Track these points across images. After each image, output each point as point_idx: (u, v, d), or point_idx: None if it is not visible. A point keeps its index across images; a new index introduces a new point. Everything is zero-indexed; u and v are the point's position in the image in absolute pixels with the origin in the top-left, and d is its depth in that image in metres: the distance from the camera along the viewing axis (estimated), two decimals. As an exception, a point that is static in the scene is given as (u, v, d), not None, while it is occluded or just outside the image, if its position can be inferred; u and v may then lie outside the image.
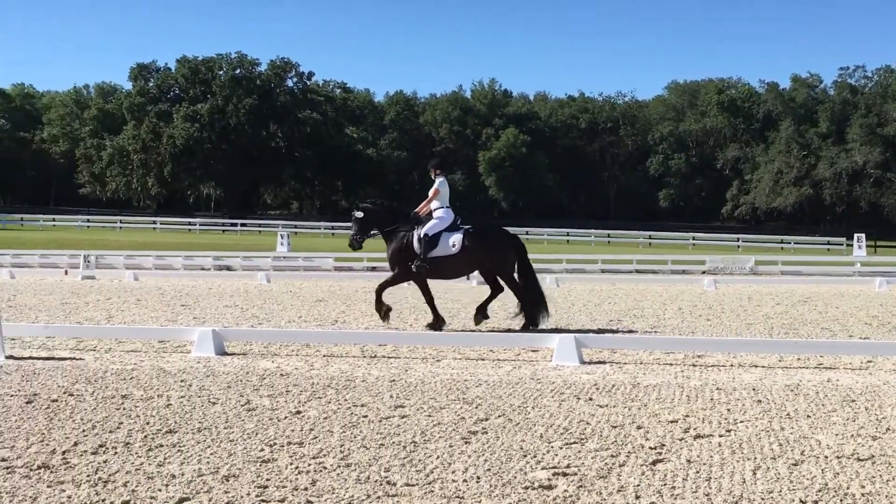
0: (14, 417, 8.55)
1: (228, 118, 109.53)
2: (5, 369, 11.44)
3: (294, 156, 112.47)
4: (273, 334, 14.62)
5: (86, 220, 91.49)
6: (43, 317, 18.18)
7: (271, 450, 7.41)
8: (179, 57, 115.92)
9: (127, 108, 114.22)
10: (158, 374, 11.16)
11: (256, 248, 52.78)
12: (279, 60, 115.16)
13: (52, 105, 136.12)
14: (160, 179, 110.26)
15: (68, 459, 7.02)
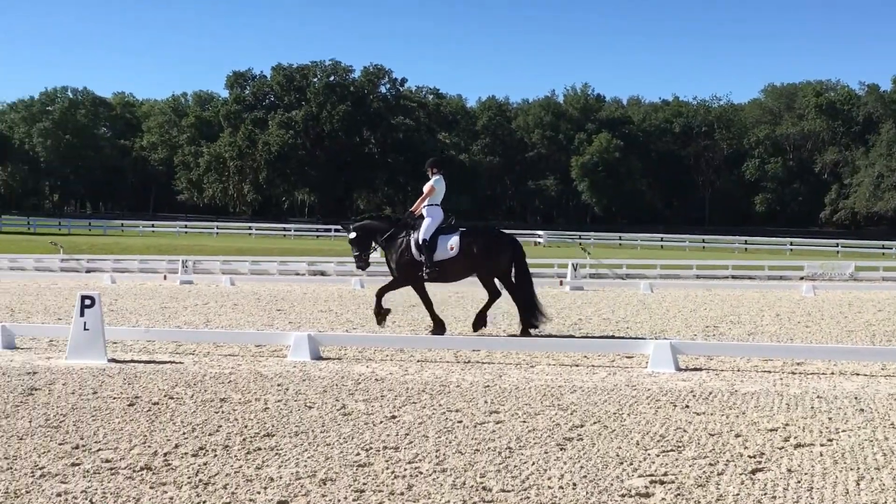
0: (117, 419, 8.73)
1: (322, 125, 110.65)
2: (108, 372, 11.69)
3: (387, 162, 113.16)
4: (367, 339, 14.72)
5: (183, 225, 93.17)
6: (143, 321, 18.54)
7: (367, 454, 7.45)
8: (275, 65, 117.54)
9: (223, 115, 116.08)
10: (256, 378, 11.30)
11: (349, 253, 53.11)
12: (372, 67, 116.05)
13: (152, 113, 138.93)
14: (255, 185, 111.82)
15: (170, 461, 7.14)
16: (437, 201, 16.65)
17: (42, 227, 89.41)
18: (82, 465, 6.96)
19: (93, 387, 10.55)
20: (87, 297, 12.88)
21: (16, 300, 23.79)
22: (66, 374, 11.54)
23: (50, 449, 7.48)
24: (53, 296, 25.35)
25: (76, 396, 9.93)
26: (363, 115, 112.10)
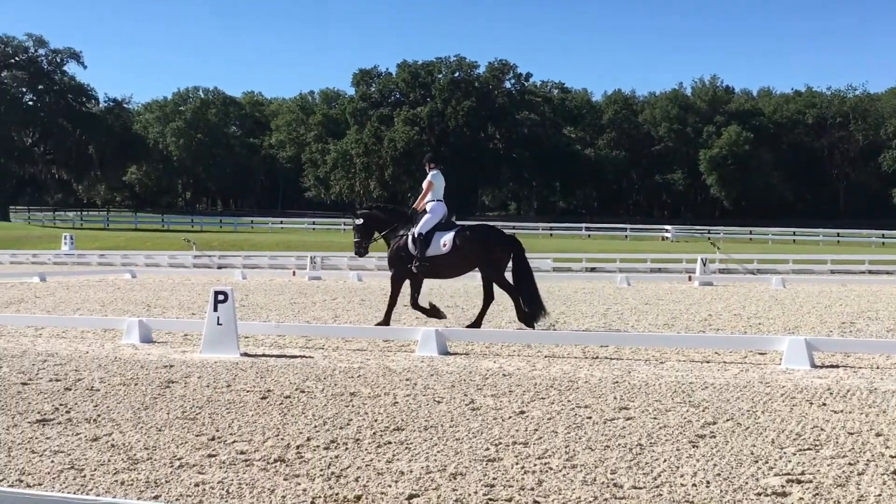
0: (250, 412, 8.89)
1: (447, 121, 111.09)
2: (241, 366, 11.93)
3: (512, 157, 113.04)
4: (494, 335, 14.70)
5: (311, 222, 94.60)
6: (274, 316, 18.88)
7: (497, 449, 7.43)
8: (400, 62, 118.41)
9: (350, 112, 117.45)
10: (385, 373, 11.39)
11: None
12: (497, 62, 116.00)
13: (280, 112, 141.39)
14: (381, 182, 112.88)
15: (302, 454, 7.24)
16: (439, 196, 16.79)
17: (175, 225, 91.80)
18: (218, 457, 7.10)
19: (226, 380, 10.77)
20: (220, 292, 13.15)
21: (152, 295, 24.47)
22: (200, 367, 11.81)
23: (187, 440, 7.65)
24: (187, 291, 25.99)
25: (211, 389, 10.14)
26: (488, 110, 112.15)
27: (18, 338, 14.99)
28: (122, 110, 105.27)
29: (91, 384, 10.42)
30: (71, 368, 11.60)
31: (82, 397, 9.60)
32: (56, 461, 6.91)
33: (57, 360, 12.32)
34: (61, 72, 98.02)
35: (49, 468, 6.71)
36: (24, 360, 12.37)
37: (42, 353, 13.12)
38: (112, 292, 25.56)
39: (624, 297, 24.70)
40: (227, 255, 45.73)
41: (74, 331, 15.90)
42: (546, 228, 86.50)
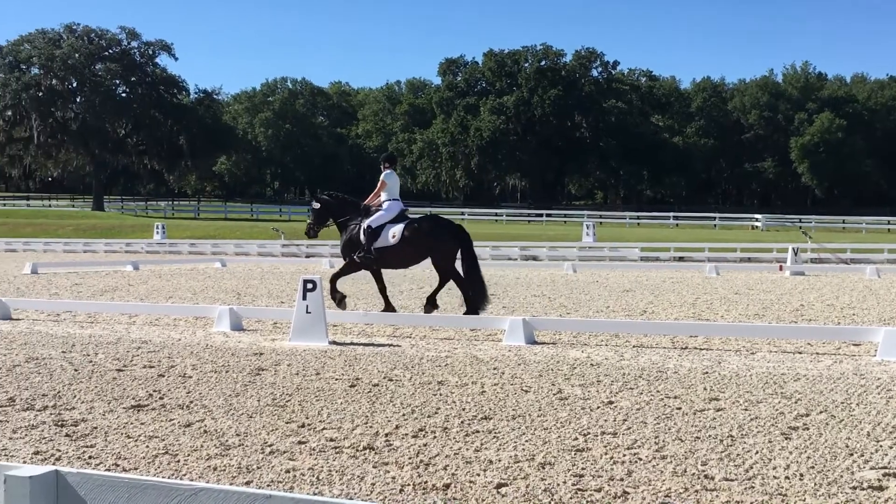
0: (339, 400, 8.96)
1: (534, 109, 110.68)
2: (329, 354, 12.03)
3: (599, 145, 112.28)
4: (582, 324, 14.62)
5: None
6: (361, 305, 19.02)
7: (585, 439, 7.39)
8: (486, 51, 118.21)
9: (436, 102, 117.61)
10: (472, 362, 11.40)
11: (562, 238, 53.09)
12: (584, 51, 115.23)
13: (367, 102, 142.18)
14: (467, 171, 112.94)
15: (391, 442, 7.27)
16: (394, 195, 17.12)
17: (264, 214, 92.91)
18: (308, 444, 7.16)
19: (315, 368, 10.87)
20: (308, 281, 13.28)
21: (242, 284, 24.81)
22: (290, 355, 11.94)
23: (277, 427, 7.73)
24: (276, 280, 26.30)
25: (300, 377, 10.25)
26: (575, 99, 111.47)
27: (113, 325, 15.30)
28: (212, 101, 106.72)
29: (183, 371, 10.60)
30: (164, 355, 11.81)
31: (175, 384, 9.77)
32: (151, 446, 7.03)
33: (150, 347, 12.55)
34: (153, 64, 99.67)
35: (144, 453, 6.84)
36: (118, 346, 12.63)
37: (136, 340, 13.38)
38: (203, 281, 25.97)
39: (713, 286, 24.42)
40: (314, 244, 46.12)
41: (167, 318, 16.19)
42: (633, 217, 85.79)
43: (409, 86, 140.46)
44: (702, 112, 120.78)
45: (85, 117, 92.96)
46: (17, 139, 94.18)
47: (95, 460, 6.65)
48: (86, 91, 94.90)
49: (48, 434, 7.42)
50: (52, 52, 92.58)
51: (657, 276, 29.85)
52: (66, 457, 6.73)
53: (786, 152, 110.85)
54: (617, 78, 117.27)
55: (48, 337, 13.65)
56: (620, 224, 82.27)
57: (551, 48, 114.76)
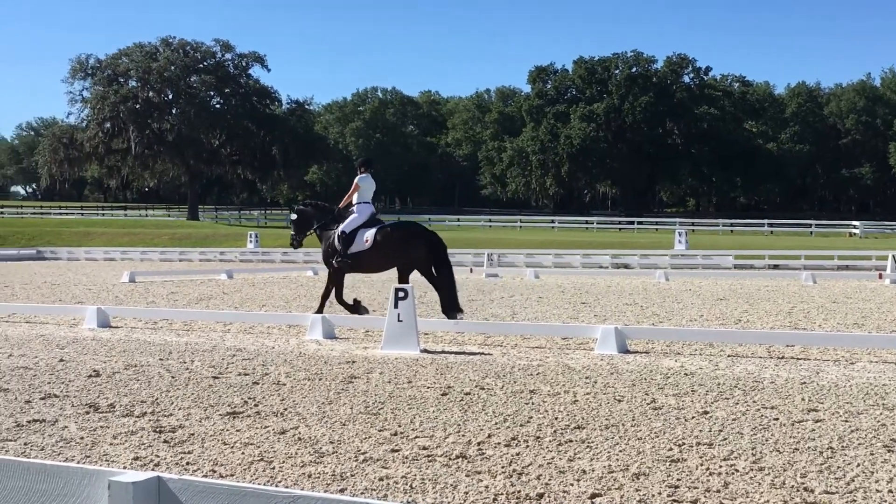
0: (431, 408, 8.98)
1: (624, 116, 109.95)
2: (421, 362, 12.06)
3: (690, 152, 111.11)
4: (675, 332, 14.45)
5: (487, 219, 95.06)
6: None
7: (680, 449, 7.30)
8: (576, 58, 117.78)
9: (526, 110, 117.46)
10: (564, 371, 11.34)
11: (653, 246, 52.62)
12: (675, 57, 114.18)
13: (456, 110, 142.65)
14: (558, 179, 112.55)
15: (483, 450, 7.26)
16: (367, 199, 17.28)
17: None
18: (401, 452, 7.18)
19: (407, 376, 10.90)
20: (400, 289, 13.33)
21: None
22: (382, 363, 12.00)
23: (370, 435, 7.77)
24: (367, 288, 26.46)
25: (392, 385, 10.29)
26: (666, 105, 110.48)
27: (209, 333, 15.54)
28: (303, 112, 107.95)
29: (277, 378, 10.71)
30: (258, 363, 11.95)
31: (269, 391, 9.88)
32: (246, 453, 7.12)
33: (245, 355, 12.71)
34: (246, 75, 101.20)
35: (240, 459, 6.92)
36: (214, 354, 12.81)
37: (231, 347, 13.57)
38: (295, 289, 26.26)
39: (810, 295, 23.99)
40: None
41: (261, 326, 16.40)
42: (726, 225, 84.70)
43: (499, 94, 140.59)
44: (797, 117, 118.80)
45: (180, 128, 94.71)
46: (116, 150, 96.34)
47: (193, 466, 6.75)
48: (181, 103, 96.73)
49: (147, 440, 7.56)
50: (149, 66, 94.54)
51: (751, 284, 29.42)
52: (164, 462, 6.84)
53: (885, 158, 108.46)
54: (709, 84, 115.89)
55: (146, 344, 13.91)
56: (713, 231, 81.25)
57: (642, 55, 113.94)
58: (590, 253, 43.75)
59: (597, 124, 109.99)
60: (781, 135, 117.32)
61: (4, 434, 7.76)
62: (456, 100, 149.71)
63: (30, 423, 8.23)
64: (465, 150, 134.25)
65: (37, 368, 11.45)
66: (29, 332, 15.63)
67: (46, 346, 13.74)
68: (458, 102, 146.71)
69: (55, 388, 10.04)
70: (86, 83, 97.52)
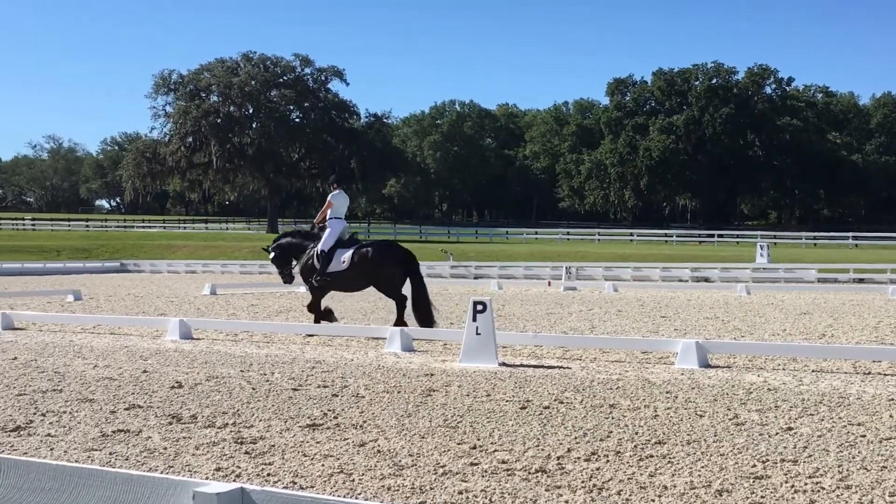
0: (510, 422, 8.94)
1: (704, 128, 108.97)
2: (499, 375, 12.03)
3: (772, 164, 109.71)
4: (757, 347, 14.22)
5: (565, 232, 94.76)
6: (530, 326, 18.97)
7: (763, 466, 7.17)
8: (655, 70, 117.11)
9: (604, 122, 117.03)
10: (644, 385, 11.22)
11: (734, 259, 51.97)
12: (757, 67, 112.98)
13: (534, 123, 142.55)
14: (636, 192, 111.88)
15: (563, 465, 7.20)
16: (339, 214, 17.84)
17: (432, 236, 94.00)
18: (480, 465, 7.16)
19: (486, 389, 10.88)
20: (479, 302, 13.32)
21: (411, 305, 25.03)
22: (460, 376, 11.98)
23: (449, 448, 7.76)
24: (445, 301, 26.48)
25: (471, 398, 10.27)
26: (747, 117, 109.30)
27: (288, 345, 15.66)
28: (382, 125, 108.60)
29: (356, 391, 10.75)
30: (337, 375, 12.01)
31: (349, 403, 9.92)
32: (326, 465, 7.15)
33: (324, 367, 12.78)
34: (325, 89, 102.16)
35: (320, 471, 6.95)
36: (294, 366, 12.91)
37: (310, 360, 13.66)
38: (373, 302, 26.35)
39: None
40: (482, 266, 46.38)
41: (340, 339, 16.48)
42: (809, 238, 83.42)
43: (577, 106, 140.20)
44: (882, 128, 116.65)
45: (260, 142, 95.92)
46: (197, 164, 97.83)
47: (274, 477, 6.79)
48: (261, 117, 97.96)
49: (228, 451, 7.63)
50: (230, 80, 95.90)
51: (836, 298, 28.90)
52: (245, 473, 6.90)
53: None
54: (791, 95, 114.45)
55: (227, 356, 14.06)
56: (796, 245, 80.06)
57: (723, 66, 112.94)
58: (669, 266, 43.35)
59: (676, 136, 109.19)
60: (866, 146, 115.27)
61: (90, 444, 7.89)
62: (534, 112, 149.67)
63: (115, 433, 8.36)
64: (543, 163, 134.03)
65: (121, 379, 11.63)
66: (113, 343, 15.89)
67: (130, 357, 13.96)
68: (536, 115, 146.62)
69: (139, 398, 10.19)
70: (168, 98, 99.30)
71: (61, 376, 11.85)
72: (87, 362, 13.29)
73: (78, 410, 9.46)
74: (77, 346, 15.29)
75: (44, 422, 8.87)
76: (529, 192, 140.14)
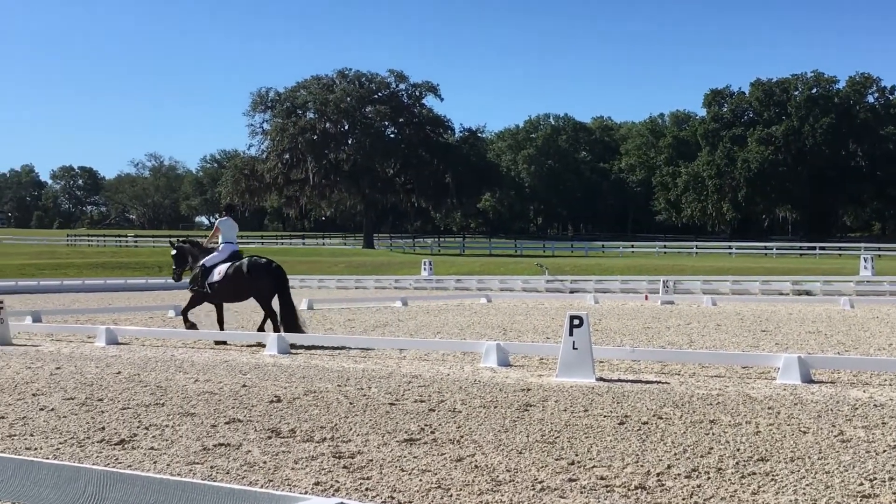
0: (608, 437, 8.84)
1: (804, 139, 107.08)
2: (597, 390, 11.92)
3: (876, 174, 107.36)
4: (863, 362, 13.88)
5: (662, 245, 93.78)
6: (627, 341, 18.79)
7: (871, 485, 6.98)
8: (753, 80, 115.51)
9: (701, 134, 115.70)
10: (745, 401, 11.02)
11: (837, 272, 50.88)
12: (859, 76, 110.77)
13: (629, 135, 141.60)
14: (734, 204, 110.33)
15: (663, 482, 7.10)
16: (229, 239, 19.53)
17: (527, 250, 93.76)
18: (579, 481, 7.09)
19: (583, 404, 10.78)
20: (575, 317, 13.23)
21: (507, 319, 25.03)
22: (557, 391, 11.90)
23: (547, 464, 7.70)
24: (541, 315, 26.40)
25: (568, 414, 10.19)
26: (848, 126, 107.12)
27: (385, 360, 15.73)
28: (476, 140, 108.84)
29: (453, 406, 10.74)
30: (434, 390, 12.02)
31: (445, 418, 9.91)
32: (424, 480, 7.14)
33: (420, 382, 12.80)
34: (420, 105, 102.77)
35: (418, 486, 6.95)
36: (390, 381, 12.95)
37: (407, 374, 13.69)
38: (469, 316, 26.38)
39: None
40: (578, 280, 46.12)
41: (435, 353, 16.49)
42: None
43: (673, 118, 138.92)
44: None
45: (356, 158, 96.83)
46: (294, 181, 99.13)
47: (372, 492, 6.81)
48: (357, 133, 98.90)
49: (327, 465, 7.67)
50: (326, 97, 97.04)
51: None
52: (343, 488, 6.92)
53: None
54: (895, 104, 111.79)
55: (324, 371, 14.17)
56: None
57: (823, 75, 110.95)
58: (769, 279, 42.60)
59: (775, 147, 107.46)
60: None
61: (192, 457, 8.01)
62: (629, 125, 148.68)
63: (215, 446, 8.46)
64: (639, 176, 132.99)
65: (221, 393, 11.79)
66: (213, 357, 16.13)
67: (230, 371, 14.15)
68: (632, 128, 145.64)
69: (239, 412, 10.32)
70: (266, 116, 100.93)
71: (163, 390, 12.06)
72: (188, 376, 13.51)
73: (180, 424, 9.61)
74: (178, 361, 15.56)
75: (147, 435, 9.03)
76: (625, 206, 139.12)
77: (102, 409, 10.55)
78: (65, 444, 8.64)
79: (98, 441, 8.75)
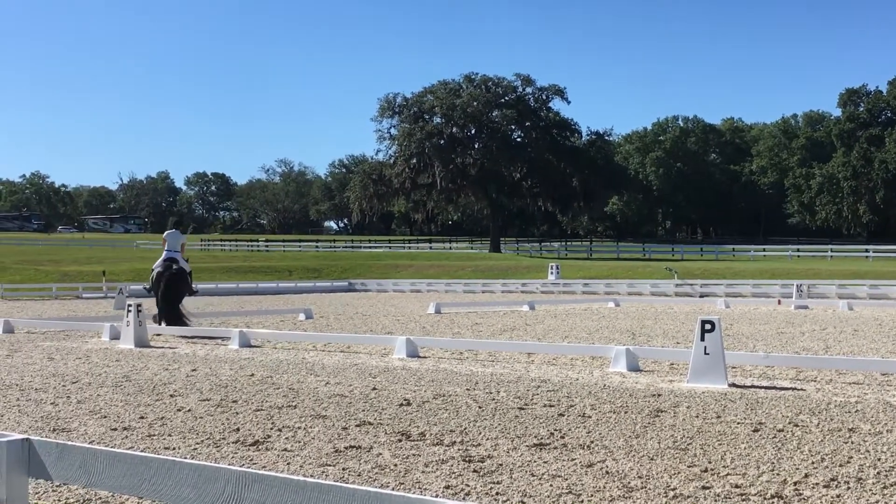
0: (742, 445, 8.67)
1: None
2: (729, 397, 11.70)
3: None
4: None
5: (795, 249, 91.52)
6: (760, 346, 18.41)
7: None
8: (891, 79, 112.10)
9: (836, 134, 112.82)
10: (885, 408, 10.68)
11: None
12: None
13: (761, 137, 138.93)
14: (872, 206, 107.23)
15: (800, 491, 6.92)
16: (174, 248, 22.96)
17: (656, 254, 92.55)
18: (712, 489, 6.96)
19: (716, 411, 10.59)
20: (707, 321, 13.00)
21: (636, 324, 24.78)
22: (688, 397, 11.72)
23: (679, 471, 7.58)
24: (670, 320, 26.07)
25: (700, 420, 10.02)
26: None
27: (513, 364, 15.71)
28: (603, 143, 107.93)
29: (583, 411, 10.66)
30: (563, 395, 11.95)
31: (575, 423, 9.84)
32: (555, 485, 7.10)
33: (549, 387, 12.75)
34: (546, 108, 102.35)
35: (548, 492, 6.91)
36: (519, 385, 12.92)
37: (535, 378, 13.65)
38: (597, 320, 26.20)
39: None
40: (708, 284, 45.37)
41: (564, 358, 16.41)
42: None
43: (806, 119, 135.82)
44: None
45: (483, 163, 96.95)
46: (421, 185, 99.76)
47: (502, 497, 6.79)
48: (483, 137, 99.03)
49: (457, 469, 7.68)
50: (453, 102, 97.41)
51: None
52: (474, 492, 6.92)
53: None
54: None
55: (453, 374, 14.21)
56: None
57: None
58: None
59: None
60: None
61: (324, 459, 8.11)
62: (760, 126, 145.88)
63: (347, 448, 8.56)
64: (771, 178, 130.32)
65: (352, 396, 11.92)
66: (343, 360, 16.33)
67: (360, 374, 14.30)
68: (763, 129, 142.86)
69: (369, 415, 10.41)
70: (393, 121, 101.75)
71: (295, 393, 12.25)
72: (319, 379, 13.69)
73: (312, 426, 9.74)
74: (309, 364, 15.79)
75: (280, 437, 9.18)
76: (756, 208, 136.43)
77: (237, 411, 10.77)
78: (201, 444, 8.85)
79: (233, 442, 8.93)
